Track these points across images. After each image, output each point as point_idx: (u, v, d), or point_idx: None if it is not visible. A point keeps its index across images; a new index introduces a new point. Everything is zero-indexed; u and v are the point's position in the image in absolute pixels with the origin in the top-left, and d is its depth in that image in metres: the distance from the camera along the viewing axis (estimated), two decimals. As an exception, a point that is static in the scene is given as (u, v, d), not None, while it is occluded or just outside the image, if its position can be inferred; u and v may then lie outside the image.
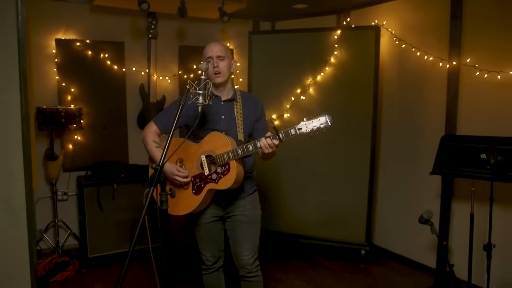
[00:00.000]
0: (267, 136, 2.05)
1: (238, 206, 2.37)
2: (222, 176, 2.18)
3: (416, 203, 3.67)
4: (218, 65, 2.26)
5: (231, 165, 2.15)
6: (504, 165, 2.66)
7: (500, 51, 3.04)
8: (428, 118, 3.60)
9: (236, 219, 2.38)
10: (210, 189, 2.22)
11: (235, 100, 2.35)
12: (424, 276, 3.57)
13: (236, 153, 2.12)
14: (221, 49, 2.30)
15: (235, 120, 2.30)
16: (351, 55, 3.82)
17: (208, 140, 2.25)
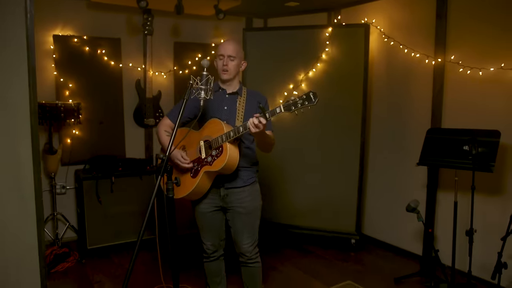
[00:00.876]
0: (254, 115, 2.16)
1: (237, 198, 2.50)
2: (215, 158, 2.32)
3: (403, 193, 3.85)
4: (227, 64, 2.42)
5: (224, 147, 2.28)
6: (485, 156, 2.84)
7: (481, 49, 3.22)
8: (414, 112, 3.78)
9: (235, 210, 2.52)
10: (206, 171, 2.35)
11: (239, 94, 2.50)
12: (411, 263, 3.76)
13: (228, 135, 2.25)
14: (234, 49, 2.45)
15: (236, 111, 2.44)
16: (341, 51, 3.97)
17: (207, 126, 2.41)
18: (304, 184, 4.15)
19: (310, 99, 2.06)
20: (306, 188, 4.14)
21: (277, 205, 4.21)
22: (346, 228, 4.08)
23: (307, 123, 3.94)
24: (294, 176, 4.16)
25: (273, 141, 2.48)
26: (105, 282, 3.34)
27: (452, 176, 3.09)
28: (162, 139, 2.52)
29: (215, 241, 2.62)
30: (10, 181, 2.21)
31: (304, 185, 4.15)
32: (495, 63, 3.10)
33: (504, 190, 3.12)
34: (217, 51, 2.51)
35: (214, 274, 2.71)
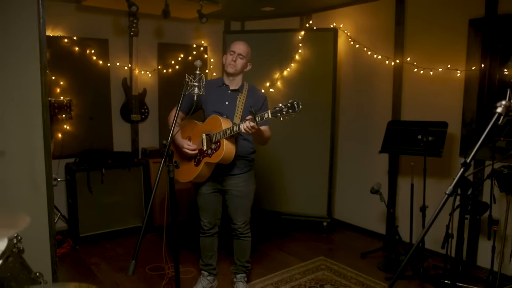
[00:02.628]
0: (246, 119, 2.54)
1: (233, 183, 2.88)
2: (214, 152, 2.68)
3: (368, 179, 4.31)
4: (236, 60, 2.79)
5: (221, 142, 2.65)
6: (435, 143, 3.33)
7: (432, 52, 3.72)
8: (377, 106, 4.25)
9: (231, 193, 2.90)
10: (206, 162, 2.72)
11: (240, 91, 2.86)
12: (375, 241, 4.23)
13: (225, 132, 2.62)
14: (245, 50, 2.83)
15: (235, 107, 2.80)
16: (313, 53, 4.40)
17: (209, 121, 2.77)
18: (281, 174, 4.55)
19: (294, 108, 2.42)
20: (283, 177, 4.55)
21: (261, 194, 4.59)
22: (318, 213, 4.52)
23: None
24: (272, 167, 4.55)
25: (269, 135, 2.84)
26: (101, 263, 3.63)
27: (409, 162, 3.57)
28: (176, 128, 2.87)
29: (212, 219, 2.99)
30: (25, 165, 2.50)
31: (282, 175, 4.55)
32: (443, 64, 3.61)
33: (451, 173, 3.63)
34: (229, 48, 2.87)
35: (208, 248, 3.07)
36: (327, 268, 3.61)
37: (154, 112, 4.78)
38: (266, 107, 2.91)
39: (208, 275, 3.14)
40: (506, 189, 2.96)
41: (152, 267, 3.54)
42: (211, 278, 3.15)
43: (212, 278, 3.16)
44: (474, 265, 3.56)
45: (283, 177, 4.56)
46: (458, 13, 3.52)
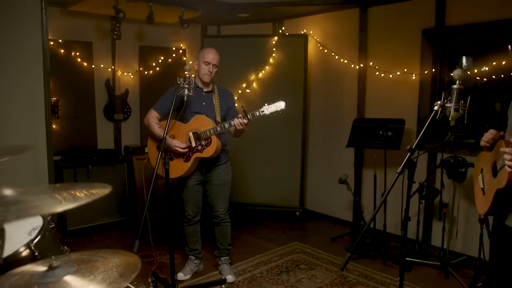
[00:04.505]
0: (238, 117, 2.89)
1: (215, 173, 3.21)
2: (205, 147, 3.01)
3: (337, 172, 4.72)
4: (212, 71, 3.09)
5: (212, 139, 2.99)
6: (394, 138, 3.79)
7: (391, 57, 4.19)
8: (344, 105, 4.69)
9: (213, 183, 3.23)
10: (196, 157, 3.04)
11: (213, 92, 3.19)
12: (344, 227, 4.66)
13: (216, 129, 2.96)
14: (218, 59, 3.13)
15: (213, 106, 3.14)
16: (285, 57, 4.79)
17: (194, 121, 3.07)
18: (257, 169, 4.92)
19: (280, 106, 2.82)
20: (259, 171, 4.92)
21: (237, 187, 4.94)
22: (292, 203, 4.92)
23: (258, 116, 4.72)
24: (249, 162, 4.91)
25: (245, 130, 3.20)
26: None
27: (373, 155, 4.02)
28: (155, 130, 3.11)
29: (195, 209, 3.31)
30: (30, 160, 2.75)
31: (258, 169, 4.92)
32: (401, 68, 4.09)
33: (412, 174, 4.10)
34: (202, 57, 3.12)
35: (192, 235, 3.39)
36: (301, 251, 4.01)
37: (136, 112, 5.03)
38: (234, 102, 3.31)
39: (194, 259, 3.46)
40: (453, 176, 3.45)
41: (140, 255, 3.81)
42: (197, 262, 3.48)
43: (199, 262, 3.49)
44: (429, 245, 4.05)
45: (258, 171, 4.93)
46: (412, 23, 4.00)
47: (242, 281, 3.36)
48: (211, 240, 3.62)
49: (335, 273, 3.55)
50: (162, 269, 3.51)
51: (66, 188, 1.12)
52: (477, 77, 3.70)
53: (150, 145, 3.25)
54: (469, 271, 3.53)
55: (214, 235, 3.47)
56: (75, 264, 1.44)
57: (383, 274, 3.52)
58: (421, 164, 3.95)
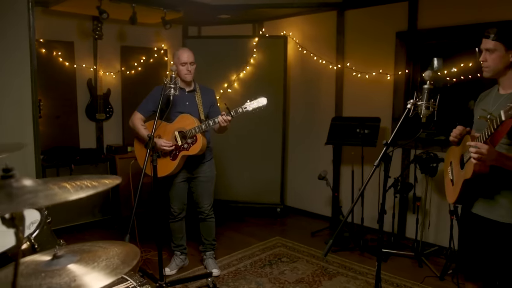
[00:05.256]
0: (222, 114, 3.00)
1: (201, 170, 3.32)
2: (191, 145, 3.11)
3: (316, 169, 4.89)
4: (191, 70, 3.17)
5: (198, 136, 3.09)
6: (370, 135, 3.98)
7: (367, 58, 4.39)
8: (322, 104, 4.86)
9: (199, 180, 3.33)
10: (183, 155, 3.13)
11: (196, 91, 3.28)
12: (323, 222, 4.82)
13: (201, 127, 3.06)
14: (192, 56, 3.21)
15: (196, 105, 3.23)
16: (266, 57, 4.93)
17: (179, 120, 3.16)
18: (239, 167, 5.04)
19: (262, 103, 2.94)
20: (241, 169, 5.04)
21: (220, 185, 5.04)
22: (273, 200, 5.06)
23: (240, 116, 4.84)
24: (231, 160, 5.02)
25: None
26: (76, 252, 3.91)
27: (350, 152, 4.20)
28: (141, 131, 3.19)
29: (180, 206, 3.40)
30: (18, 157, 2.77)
31: (240, 167, 5.04)
32: (376, 69, 4.28)
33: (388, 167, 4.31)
34: (178, 60, 3.21)
35: (178, 231, 3.48)
36: (282, 245, 4.15)
37: (118, 111, 5.06)
38: (216, 100, 3.42)
39: (180, 254, 3.55)
40: (425, 171, 3.66)
41: (126, 252, 3.87)
42: (183, 257, 3.57)
43: (184, 257, 3.58)
44: (404, 237, 4.26)
45: (240, 169, 5.05)
46: (387, 26, 4.20)
47: (227, 275, 3.47)
48: (196, 236, 3.72)
49: (316, 265, 3.70)
50: (148, 265, 3.59)
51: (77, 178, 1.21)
52: (447, 77, 3.93)
53: (136, 146, 3.33)
54: (441, 260, 3.75)
55: (199, 231, 3.57)
56: (78, 254, 1.53)
57: (361, 264, 3.70)
58: (396, 160, 4.16)
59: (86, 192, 1.10)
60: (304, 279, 3.42)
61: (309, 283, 3.34)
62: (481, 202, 2.10)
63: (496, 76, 2.09)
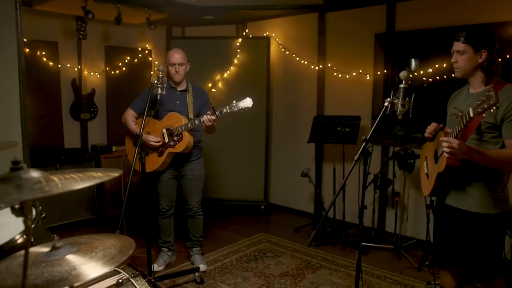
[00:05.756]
0: (207, 113, 3.09)
1: (188, 168, 3.39)
2: (177, 143, 3.19)
3: (299, 166, 5.02)
4: (179, 70, 3.25)
5: (184, 134, 3.17)
6: (351, 133, 4.13)
7: (347, 59, 4.54)
8: (305, 103, 5.00)
9: (187, 177, 3.41)
10: (169, 152, 3.21)
11: (187, 91, 3.36)
12: (306, 219, 4.95)
13: (187, 126, 3.14)
14: (181, 57, 3.28)
15: (186, 105, 3.31)
16: (249, 58, 5.03)
17: (167, 118, 3.24)
18: (225, 166, 5.13)
19: (247, 103, 3.02)
20: (226, 168, 5.13)
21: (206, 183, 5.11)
22: (257, 197, 5.17)
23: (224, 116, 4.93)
24: (217, 159, 5.11)
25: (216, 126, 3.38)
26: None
27: (332, 150, 4.34)
28: (132, 127, 3.30)
29: (169, 202, 3.47)
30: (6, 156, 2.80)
31: (225, 166, 5.13)
32: (356, 69, 4.44)
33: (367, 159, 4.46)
34: (168, 61, 3.30)
35: (166, 228, 3.55)
36: (267, 241, 4.26)
37: (103, 111, 5.08)
38: (209, 100, 3.49)
39: (167, 251, 3.62)
40: (403, 167, 3.83)
41: (113, 250, 3.91)
42: (170, 253, 3.64)
43: (171, 253, 3.66)
44: (383, 231, 4.43)
45: (225, 168, 5.14)
46: (366, 28, 4.36)
47: (214, 270, 3.56)
48: (183, 233, 3.80)
49: (299, 259, 3.82)
50: (136, 262, 3.65)
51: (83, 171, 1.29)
52: (423, 77, 4.10)
53: (127, 142, 3.41)
54: (418, 252, 3.92)
55: (186, 228, 3.65)
56: (75, 245, 1.60)
57: (343, 258, 3.84)
58: (375, 157, 4.32)
59: (92, 182, 1.18)
60: (288, 272, 3.54)
61: (294, 276, 3.46)
62: (453, 193, 2.25)
63: (466, 76, 2.24)
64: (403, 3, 4.10)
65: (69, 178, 1.18)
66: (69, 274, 1.39)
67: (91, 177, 1.21)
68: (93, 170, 1.33)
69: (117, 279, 1.97)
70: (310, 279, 3.41)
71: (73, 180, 1.17)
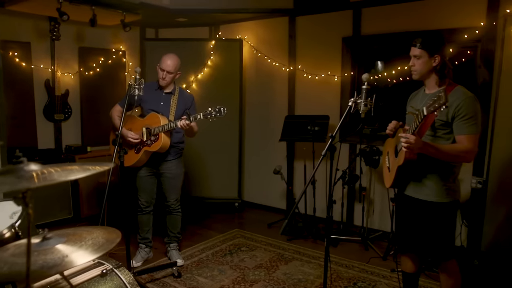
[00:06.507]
0: (182, 118, 3.23)
1: (166, 167, 3.51)
2: (153, 142, 3.30)
3: (271, 164, 5.20)
4: (165, 77, 3.36)
5: (160, 135, 3.29)
6: (320, 132, 4.34)
7: (316, 61, 4.76)
8: (276, 104, 5.19)
9: (165, 175, 3.53)
10: (145, 150, 3.32)
11: (173, 94, 3.48)
12: (279, 215, 5.14)
13: (163, 127, 3.26)
14: (173, 65, 3.38)
15: (170, 107, 3.43)
16: (222, 59, 5.18)
17: (149, 117, 3.36)
18: (201, 165, 5.25)
19: (221, 112, 3.18)
20: (202, 168, 5.25)
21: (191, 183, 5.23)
22: (231, 195, 5.32)
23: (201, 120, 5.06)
24: (191, 159, 5.22)
25: (197, 129, 3.49)
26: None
27: (302, 148, 4.54)
28: (116, 122, 3.41)
29: (148, 199, 3.58)
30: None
31: (201, 166, 5.25)
32: (325, 71, 4.67)
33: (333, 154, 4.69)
34: (160, 63, 3.40)
35: (145, 224, 3.65)
36: (241, 237, 4.42)
37: (77, 112, 5.10)
38: (194, 106, 3.59)
39: (145, 247, 3.72)
40: (369, 163, 4.07)
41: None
42: (148, 250, 3.74)
43: (149, 250, 3.76)
44: (352, 224, 4.67)
45: (201, 167, 5.26)
46: (334, 32, 4.59)
47: (191, 264, 3.69)
48: (161, 231, 3.91)
49: (273, 252, 4.00)
50: (115, 258, 3.72)
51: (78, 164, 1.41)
52: (388, 79, 4.36)
53: (111, 137, 3.54)
54: (384, 243, 4.18)
55: (164, 225, 3.76)
56: (64, 236, 1.72)
57: (314, 250, 4.05)
58: (343, 154, 4.56)
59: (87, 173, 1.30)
60: (262, 264, 3.71)
61: (267, 268, 3.63)
62: (411, 184, 2.48)
63: (422, 78, 2.48)
64: (368, 9, 4.35)
65: (66, 169, 1.30)
66: (62, 260, 1.50)
67: (86, 169, 1.33)
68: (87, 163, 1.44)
69: (101, 269, 2.08)
70: (283, 270, 3.59)
71: (71, 171, 1.29)
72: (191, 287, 3.27)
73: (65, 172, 1.28)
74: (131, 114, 3.53)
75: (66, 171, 1.29)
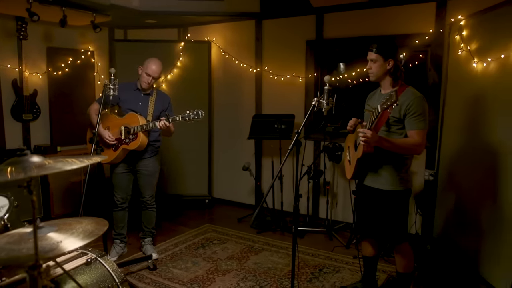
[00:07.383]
0: (161, 119, 3.37)
1: (143, 164, 3.64)
2: (132, 141, 3.43)
3: (240, 162, 5.42)
4: (150, 82, 3.49)
5: (139, 134, 3.42)
6: (286, 130, 4.59)
7: (282, 63, 5.01)
8: (244, 103, 5.40)
9: (141, 172, 3.65)
10: (123, 148, 3.44)
11: (151, 95, 3.60)
12: (248, 210, 5.35)
13: (142, 127, 3.39)
14: (158, 71, 3.54)
15: (147, 107, 3.55)
16: (192, 61, 5.33)
17: (128, 117, 3.48)
18: (173, 164, 5.37)
19: (199, 115, 3.35)
20: (174, 166, 5.38)
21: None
22: (201, 192, 5.48)
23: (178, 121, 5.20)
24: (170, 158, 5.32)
25: (174, 129, 3.61)
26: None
27: (270, 145, 4.77)
28: (94, 120, 3.47)
29: (124, 195, 3.69)
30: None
31: (173, 164, 5.38)
32: (290, 72, 4.92)
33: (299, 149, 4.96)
34: (146, 67, 3.51)
35: (120, 220, 3.76)
36: (212, 231, 4.60)
37: (45, 112, 5.10)
38: (171, 107, 3.74)
39: (120, 242, 3.83)
40: (332, 159, 4.36)
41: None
42: (122, 245, 3.85)
43: (124, 245, 3.87)
44: (317, 217, 4.95)
45: (173, 165, 5.39)
46: (298, 35, 4.86)
47: (165, 257, 3.83)
48: (136, 227, 4.02)
49: (243, 244, 4.21)
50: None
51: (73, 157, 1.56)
52: (349, 80, 4.67)
53: (88, 134, 3.64)
54: (347, 234, 4.47)
55: (139, 220, 3.88)
56: (55, 225, 1.85)
57: (282, 241, 4.29)
58: (308, 151, 4.83)
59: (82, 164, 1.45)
60: (234, 256, 3.91)
61: (239, 259, 3.83)
62: (369, 175, 2.76)
63: (378, 80, 2.76)
64: (330, 14, 4.64)
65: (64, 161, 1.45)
66: (57, 245, 1.65)
67: (81, 162, 1.49)
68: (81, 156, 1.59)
69: (86, 258, 2.21)
70: (254, 260, 3.81)
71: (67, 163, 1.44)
72: (166, 278, 3.42)
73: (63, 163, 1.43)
74: (110, 113, 3.64)
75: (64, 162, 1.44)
